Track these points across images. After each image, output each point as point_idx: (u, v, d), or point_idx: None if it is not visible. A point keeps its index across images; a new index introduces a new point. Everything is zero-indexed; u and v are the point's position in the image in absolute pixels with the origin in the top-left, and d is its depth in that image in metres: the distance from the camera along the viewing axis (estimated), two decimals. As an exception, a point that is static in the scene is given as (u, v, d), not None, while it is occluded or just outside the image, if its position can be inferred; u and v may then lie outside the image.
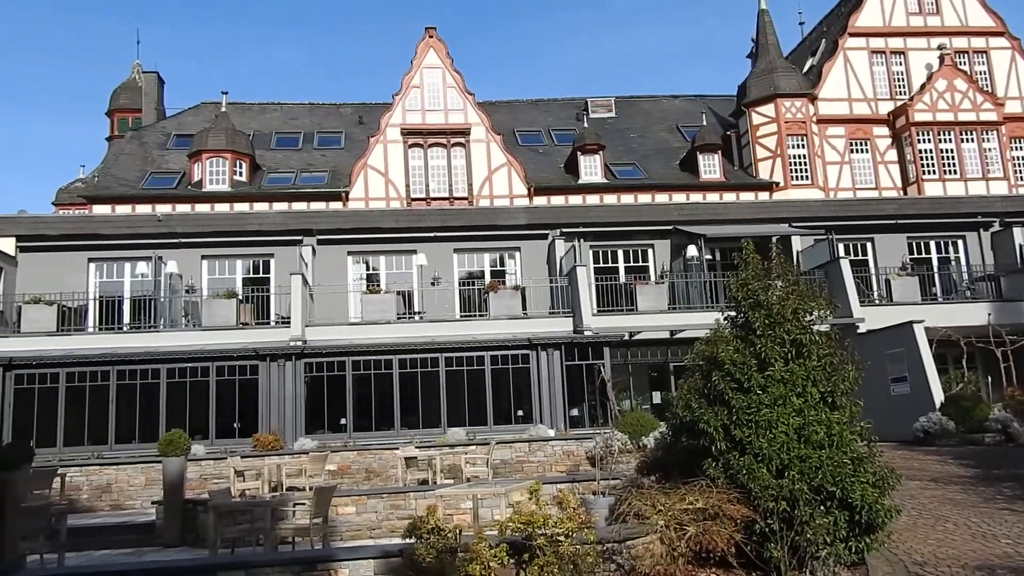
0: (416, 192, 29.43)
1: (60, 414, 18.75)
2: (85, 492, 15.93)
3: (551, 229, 23.75)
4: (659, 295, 22.09)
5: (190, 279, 22.15)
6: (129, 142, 32.18)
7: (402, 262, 23.52)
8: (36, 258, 22.05)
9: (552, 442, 17.50)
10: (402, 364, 19.74)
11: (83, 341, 20.01)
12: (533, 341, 20.08)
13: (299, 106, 34.84)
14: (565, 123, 33.92)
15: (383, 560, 7.79)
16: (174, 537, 12.14)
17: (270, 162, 30.62)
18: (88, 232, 22.43)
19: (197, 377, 19.18)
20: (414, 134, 29.85)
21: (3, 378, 18.63)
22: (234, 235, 22.69)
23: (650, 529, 8.15)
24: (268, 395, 19.17)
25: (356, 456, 17.03)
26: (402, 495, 12.42)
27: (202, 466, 16.28)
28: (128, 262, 22.26)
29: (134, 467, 16.36)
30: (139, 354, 19.20)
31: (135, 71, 38.23)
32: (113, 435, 18.76)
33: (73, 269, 21.90)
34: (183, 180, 29.29)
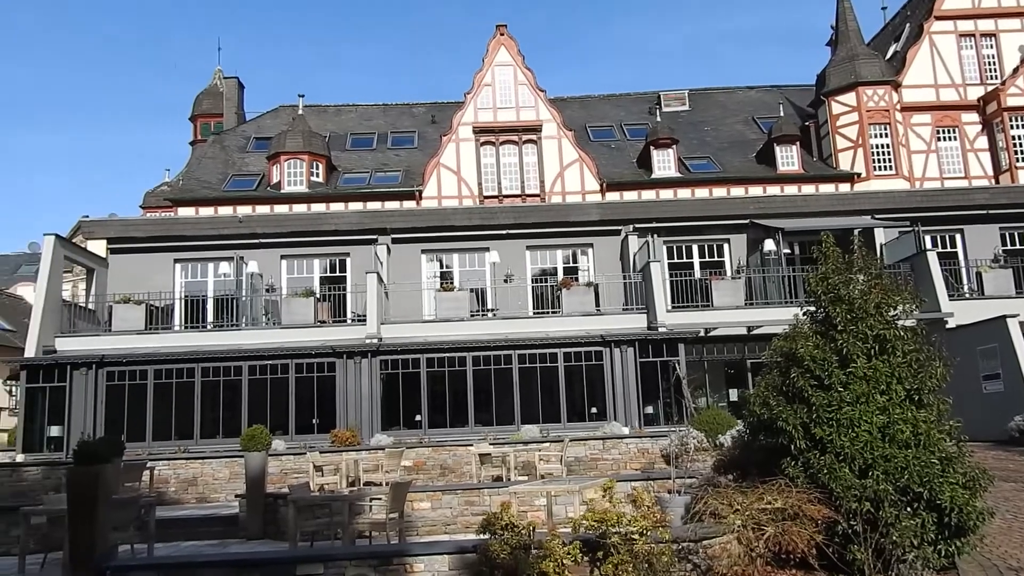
0: (488, 190, 29.54)
1: (149, 409, 19.47)
2: (172, 485, 16.50)
3: (624, 225, 23.54)
4: (735, 291, 21.66)
5: (270, 278, 22.73)
6: (211, 146, 33.21)
7: (475, 260, 23.64)
8: (125, 259, 22.96)
9: (626, 440, 17.34)
10: (476, 361, 19.84)
11: (170, 339, 20.74)
12: (606, 338, 19.94)
13: (373, 107, 35.37)
14: (637, 117, 33.56)
15: (458, 556, 7.83)
16: (256, 530, 12.47)
17: (345, 163, 31.17)
18: (173, 234, 23.23)
19: (277, 374, 19.66)
20: (486, 132, 29.96)
21: (96, 375, 19.44)
22: (311, 235, 23.19)
23: (727, 529, 7.99)
24: (345, 392, 19.52)
25: (431, 452, 17.19)
26: (476, 491, 12.47)
27: (282, 461, 16.69)
28: (211, 262, 22.99)
29: (218, 461, 16.88)
30: (222, 351, 19.79)
31: (216, 77, 39.41)
32: (198, 430, 19.38)
33: (160, 269, 22.72)
34: (262, 182, 30.07)
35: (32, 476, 16.83)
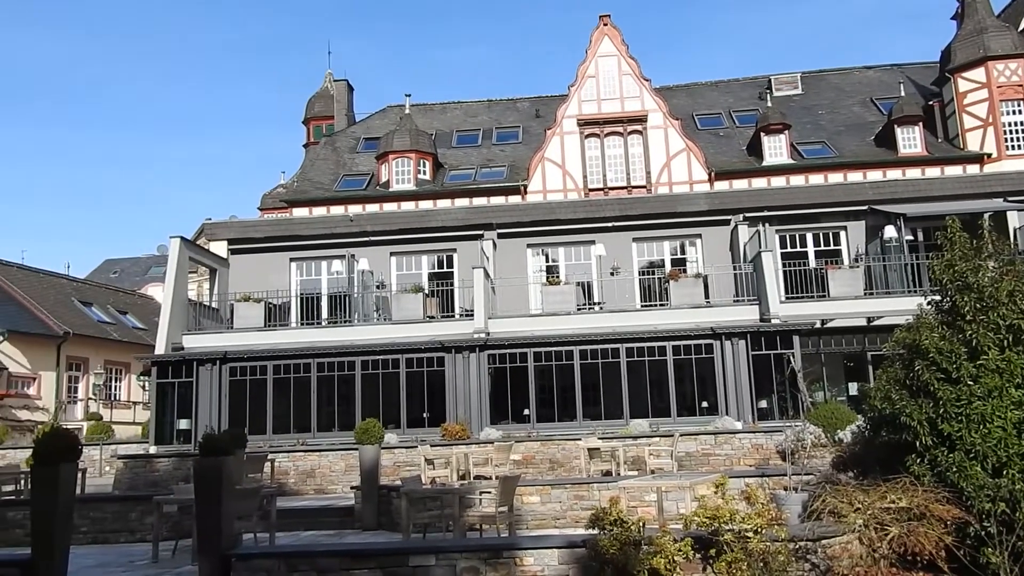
0: (593, 182, 29.35)
1: (269, 403, 20.29)
2: (292, 476, 17.14)
3: (734, 214, 22.91)
4: (854, 280, 20.75)
5: (380, 275, 23.28)
6: (323, 147, 34.30)
7: (581, 253, 23.52)
8: (245, 259, 23.99)
9: (739, 435, 16.90)
10: (583, 355, 19.74)
11: (287, 335, 21.53)
12: (716, 330, 19.47)
13: (478, 103, 35.72)
14: (747, 104, 32.63)
15: (567, 550, 7.79)
16: (371, 521, 12.80)
17: (451, 159, 31.60)
18: (289, 234, 24.11)
19: (388, 369, 20.12)
20: (590, 124, 29.76)
21: (220, 370, 20.39)
22: (419, 232, 23.62)
23: (848, 528, 7.67)
24: (454, 386, 19.79)
25: (539, 446, 17.23)
26: (586, 486, 12.41)
27: (395, 454, 17.08)
28: (325, 260, 23.74)
29: (334, 454, 17.43)
30: (336, 347, 20.40)
31: (327, 80, 40.64)
32: (315, 423, 20.05)
33: (277, 268, 23.62)
34: (372, 181, 30.84)
35: (164, 467, 17.84)
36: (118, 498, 14.25)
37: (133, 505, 13.33)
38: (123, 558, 11.08)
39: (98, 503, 13.49)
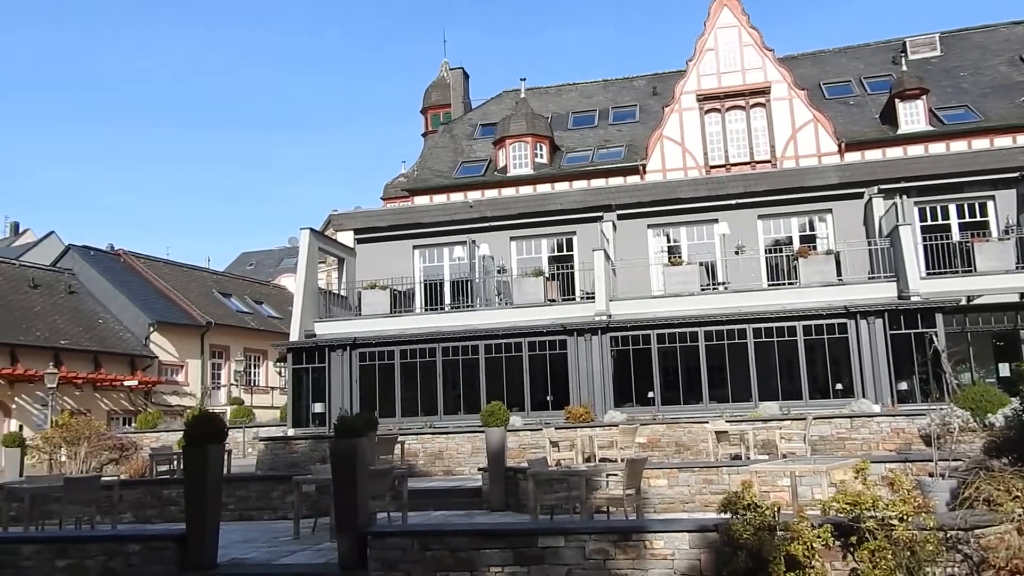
0: (715, 159, 28.55)
1: (397, 387, 20.85)
2: (421, 458, 17.58)
3: (867, 187, 21.77)
4: (1004, 253, 19.34)
5: (501, 260, 23.47)
6: (441, 136, 34.83)
7: (703, 232, 22.96)
8: (370, 248, 24.69)
9: (877, 418, 16.13)
10: (708, 336, 19.30)
11: (412, 321, 22.03)
12: (850, 309, 18.60)
13: (593, 84, 35.35)
14: (879, 69, 30.88)
15: (699, 534, 7.64)
16: (498, 502, 12.96)
17: (568, 142, 31.44)
18: (411, 222, 24.63)
19: (511, 352, 20.29)
20: (710, 99, 28.93)
21: (350, 356, 21.11)
22: (538, 215, 23.63)
23: (1005, 517, 7.17)
24: (577, 369, 19.75)
25: (665, 429, 16.99)
26: (714, 469, 12.15)
27: (520, 436, 17.23)
28: (447, 247, 24.14)
29: (461, 436, 17.76)
30: (459, 332, 20.74)
31: (443, 69, 41.20)
32: (441, 406, 20.48)
33: (401, 256, 24.19)
34: (490, 166, 31.08)
35: (301, 448, 18.65)
36: (260, 478, 15.02)
37: (274, 485, 14.02)
38: (267, 534, 11.66)
39: (243, 482, 14.26)
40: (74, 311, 31.48)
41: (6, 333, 27.36)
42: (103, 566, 8.93)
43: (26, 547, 9.27)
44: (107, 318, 32.32)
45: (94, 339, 30.53)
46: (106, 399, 30.26)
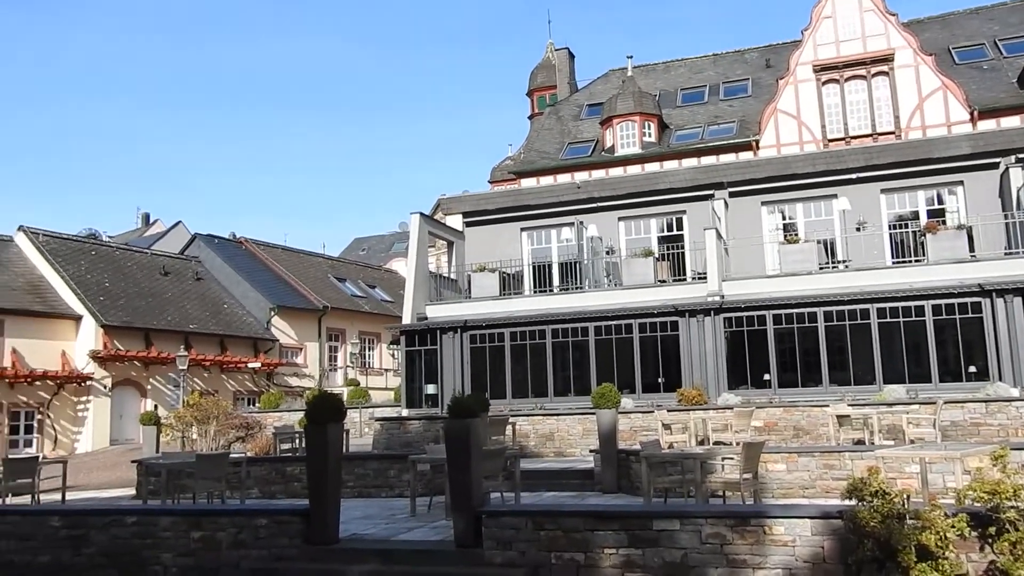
0: (833, 132, 27.35)
1: (507, 369, 21.01)
2: (532, 439, 17.66)
3: (1002, 156, 20.34)
4: None
5: (609, 241, 23.23)
6: (547, 117, 34.71)
7: (821, 208, 22.03)
8: (479, 231, 24.90)
9: (1016, 403, 15.14)
10: (827, 317, 18.56)
11: (521, 303, 22.11)
12: (985, 287, 17.49)
13: (702, 59, 34.43)
14: (1017, 30, 28.78)
15: (822, 521, 7.39)
16: (610, 484, 12.88)
17: (677, 119, 30.79)
18: (519, 204, 24.67)
19: (621, 334, 20.09)
20: (828, 69, 27.68)
21: (461, 338, 21.39)
22: (647, 195, 23.24)
23: None
24: (689, 350, 19.39)
25: (782, 413, 16.48)
26: (836, 454, 11.69)
27: (631, 419, 17.07)
28: (554, 229, 24.08)
29: (572, 418, 17.74)
30: (568, 314, 20.68)
31: (548, 50, 41.02)
32: (552, 388, 20.50)
33: (509, 239, 24.29)
34: (597, 147, 30.79)
35: (415, 429, 19.06)
36: (377, 456, 15.41)
37: (391, 463, 14.38)
38: (385, 511, 11.98)
39: (361, 460, 14.69)
40: (201, 297, 33.17)
41: (141, 318, 29.10)
42: (234, 538, 9.38)
43: (164, 519, 9.83)
44: (231, 303, 33.91)
45: (220, 323, 32.10)
46: (232, 380, 31.80)
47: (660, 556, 7.82)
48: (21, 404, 25.66)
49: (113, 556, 9.81)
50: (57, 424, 26.53)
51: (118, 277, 30.46)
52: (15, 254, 28.83)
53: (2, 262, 27.96)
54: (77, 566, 9.90)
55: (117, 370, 27.86)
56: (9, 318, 25.78)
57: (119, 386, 27.95)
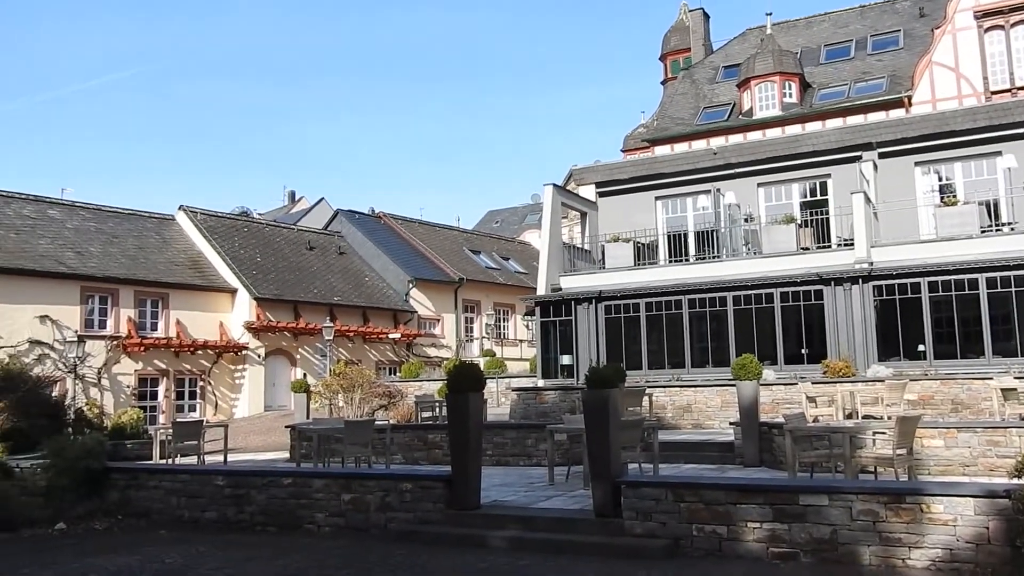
0: (996, 83, 25.31)
1: (643, 340, 20.78)
2: (669, 411, 17.45)
3: None
4: None
5: (747, 208, 22.48)
6: (681, 82, 33.82)
7: (982, 167, 20.45)
8: (611, 201, 24.63)
9: None
10: (990, 284, 17.28)
11: (656, 273, 21.78)
12: None
13: (848, 12, 32.52)
14: None
15: (986, 500, 6.97)
16: (752, 457, 12.56)
17: (820, 78, 29.30)
18: (652, 172, 24.21)
19: (761, 304, 19.46)
20: (991, 15, 25.55)
21: (595, 309, 21.33)
22: (787, 159, 22.29)
23: None
24: (834, 320, 18.56)
25: (939, 385, 15.56)
26: (1002, 430, 10.94)
27: (773, 391, 16.55)
28: (689, 197, 23.51)
29: (710, 389, 17.40)
30: (705, 283, 20.20)
31: (682, 12, 39.88)
32: (689, 359, 20.13)
33: (643, 208, 23.90)
34: (733, 110, 29.77)
35: (551, 399, 19.21)
36: (515, 426, 15.65)
37: (528, 433, 14.56)
38: (523, 479, 12.16)
39: (499, 429, 14.95)
40: (344, 270, 34.57)
41: (290, 291, 30.64)
42: (381, 500, 9.78)
43: (317, 481, 10.37)
44: (372, 276, 35.17)
45: (362, 295, 33.37)
46: (374, 350, 33.06)
47: (807, 532, 7.58)
48: (185, 372, 27.64)
49: (271, 515, 10.45)
50: (217, 391, 28.43)
51: (268, 252, 32.15)
52: (176, 232, 30.93)
53: (165, 240, 30.07)
54: (240, 523, 10.62)
55: (269, 340, 29.51)
56: (173, 291, 27.74)
57: (271, 355, 29.61)
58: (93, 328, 25.53)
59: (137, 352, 26.18)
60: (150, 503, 11.46)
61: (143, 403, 25.98)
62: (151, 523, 11.04)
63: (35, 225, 26.49)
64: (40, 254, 25.24)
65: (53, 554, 9.22)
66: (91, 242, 27.34)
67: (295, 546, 9.16)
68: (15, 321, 23.63)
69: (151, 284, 27.19)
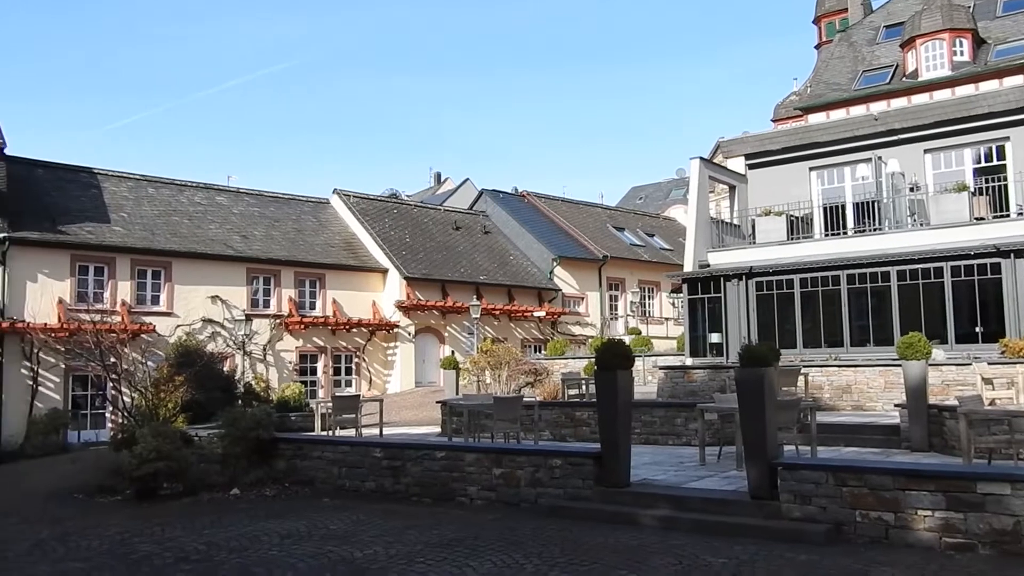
0: None
1: (797, 317, 19.94)
2: (826, 391, 16.67)
3: None
4: None
5: (912, 176, 21.03)
6: (837, 45, 32.00)
7: None
8: (762, 173, 23.67)
9: None
10: None
11: (811, 248, 20.79)
12: None
13: (1028, -41, 29.69)
14: None
15: None
16: (920, 441, 11.84)
17: (997, 32, 26.96)
18: (806, 142, 23.05)
19: (929, 279, 18.21)
20: None
21: (746, 285, 20.63)
22: (959, 122, 20.63)
23: None
24: (1015, 296, 17.10)
25: None
26: None
27: (942, 371, 15.47)
28: (847, 166, 22.24)
29: (871, 370, 16.47)
30: (865, 257, 19.11)
31: (839, -28, 37.63)
32: (847, 337, 19.16)
33: (796, 179, 22.84)
34: (896, 73, 27.93)
35: (699, 377, 18.80)
36: (664, 404, 15.41)
37: (677, 411, 14.31)
38: (672, 458, 11.97)
39: (647, 408, 14.77)
40: (489, 249, 35.09)
41: (438, 270, 31.44)
42: (531, 476, 9.88)
43: (468, 455, 10.60)
44: (516, 255, 35.52)
45: (507, 274, 33.79)
46: (519, 328, 33.44)
47: (986, 522, 7.05)
48: (341, 349, 28.95)
49: (426, 486, 10.79)
50: (371, 367, 29.63)
51: (416, 233, 33.08)
52: (331, 215, 32.34)
53: (321, 222, 31.51)
54: (397, 493, 11.02)
55: (418, 318, 30.41)
56: (329, 272, 29.06)
57: (420, 333, 30.52)
58: (258, 307, 27.15)
59: (297, 330, 27.64)
60: (314, 472, 12.09)
61: (303, 378, 27.44)
62: (315, 491, 11.65)
63: (206, 211, 28.40)
64: (210, 238, 27.05)
65: (230, 517, 9.90)
66: (255, 226, 29.03)
67: (449, 517, 9.41)
68: (190, 301, 25.50)
69: (309, 265, 28.59)
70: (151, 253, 25.07)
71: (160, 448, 11.57)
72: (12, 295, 22.27)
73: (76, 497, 12.12)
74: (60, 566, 7.69)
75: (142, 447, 11.56)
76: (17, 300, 22.35)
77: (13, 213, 22.89)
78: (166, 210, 27.30)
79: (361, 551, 7.76)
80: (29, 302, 22.42)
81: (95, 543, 8.65)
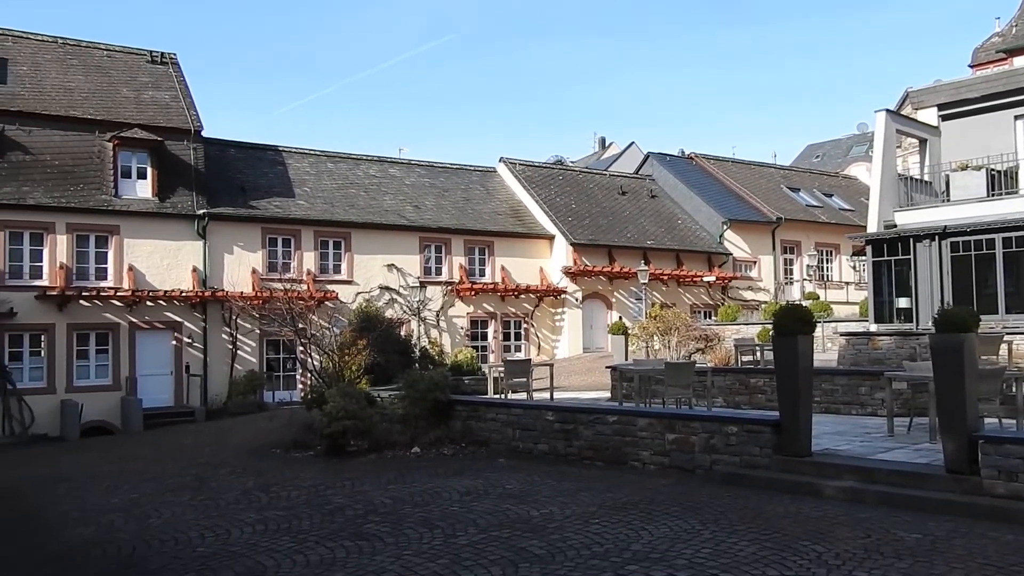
0: None
1: (998, 280, 18.30)
2: (1033, 360, 15.26)
3: None
4: None
5: None
6: (1048, -21, 28.72)
7: None
8: (957, 124, 21.74)
9: None
10: None
11: (1016, 204, 18.92)
12: None
13: None
14: None
15: None
16: None
17: None
18: (1011, 88, 20.90)
19: None
20: None
21: (938, 246, 19.12)
22: None
23: None
24: None
25: None
26: None
27: None
28: (1059, 113, 20.04)
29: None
30: (1081, 213, 17.21)
31: None
32: (1060, 302, 17.40)
33: (998, 130, 20.81)
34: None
35: (885, 344, 17.70)
36: (846, 372, 14.68)
37: (861, 380, 13.58)
38: (857, 428, 11.40)
39: (828, 376, 14.11)
40: (656, 213, 34.51)
41: (605, 236, 31.30)
42: (705, 443, 9.70)
43: (641, 420, 10.55)
44: (684, 219, 34.74)
45: (675, 238, 33.14)
46: (688, 294, 32.78)
47: None
48: (510, 315, 29.51)
49: (598, 450, 10.85)
50: (539, 332, 30.04)
51: (582, 198, 33.02)
52: (498, 183, 32.87)
53: (488, 191, 32.11)
54: (569, 456, 11.16)
55: (585, 284, 30.46)
56: (497, 239, 29.62)
57: (588, 299, 30.57)
58: (430, 275, 28.14)
59: (468, 296, 28.42)
60: (488, 433, 12.45)
61: (474, 343, 28.25)
62: (490, 451, 12.00)
63: (380, 183, 29.65)
64: (385, 209, 28.24)
65: (412, 474, 10.39)
66: (425, 196, 30.01)
67: (622, 481, 9.42)
68: (369, 269, 26.82)
69: (478, 233, 29.25)
70: (332, 224, 26.53)
71: (347, 407, 12.28)
72: (212, 266, 24.31)
73: (274, 451, 13.12)
74: (264, 513, 8.36)
75: (331, 406, 12.32)
76: (217, 271, 24.37)
77: (211, 190, 24.90)
78: (344, 183, 28.74)
79: (537, 510, 7.92)
80: (227, 272, 24.37)
81: (293, 493, 9.34)
